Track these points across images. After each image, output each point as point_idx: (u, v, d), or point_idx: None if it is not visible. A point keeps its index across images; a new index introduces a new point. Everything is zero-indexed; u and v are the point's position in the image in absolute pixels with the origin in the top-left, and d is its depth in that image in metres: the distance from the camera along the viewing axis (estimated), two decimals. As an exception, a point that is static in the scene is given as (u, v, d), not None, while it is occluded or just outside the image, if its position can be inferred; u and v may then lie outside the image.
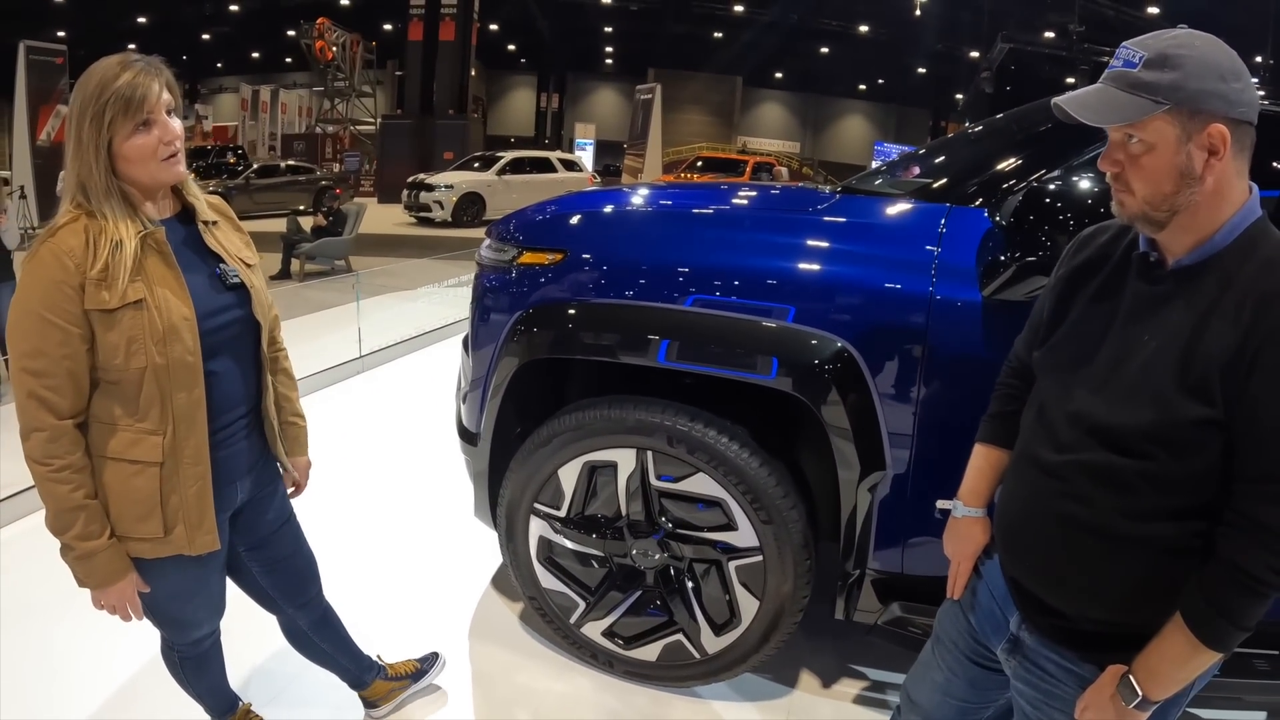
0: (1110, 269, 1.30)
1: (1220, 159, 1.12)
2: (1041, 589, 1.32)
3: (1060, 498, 1.26)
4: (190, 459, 1.60)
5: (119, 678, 2.49)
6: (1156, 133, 1.13)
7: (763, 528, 2.13)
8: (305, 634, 2.10)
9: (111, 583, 1.59)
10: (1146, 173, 1.15)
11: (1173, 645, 1.17)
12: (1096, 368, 1.24)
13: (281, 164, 20.15)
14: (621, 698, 2.46)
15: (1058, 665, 1.31)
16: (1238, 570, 1.11)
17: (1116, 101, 1.15)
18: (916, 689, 1.63)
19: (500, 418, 2.44)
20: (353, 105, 29.77)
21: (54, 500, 1.52)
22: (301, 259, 10.14)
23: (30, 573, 2.97)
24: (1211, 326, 1.12)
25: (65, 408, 1.49)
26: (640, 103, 22.76)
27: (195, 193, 1.67)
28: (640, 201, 2.48)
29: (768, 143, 40.77)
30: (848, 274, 2.04)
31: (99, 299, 1.46)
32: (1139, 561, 1.21)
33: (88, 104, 1.45)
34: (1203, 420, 1.11)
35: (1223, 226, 1.15)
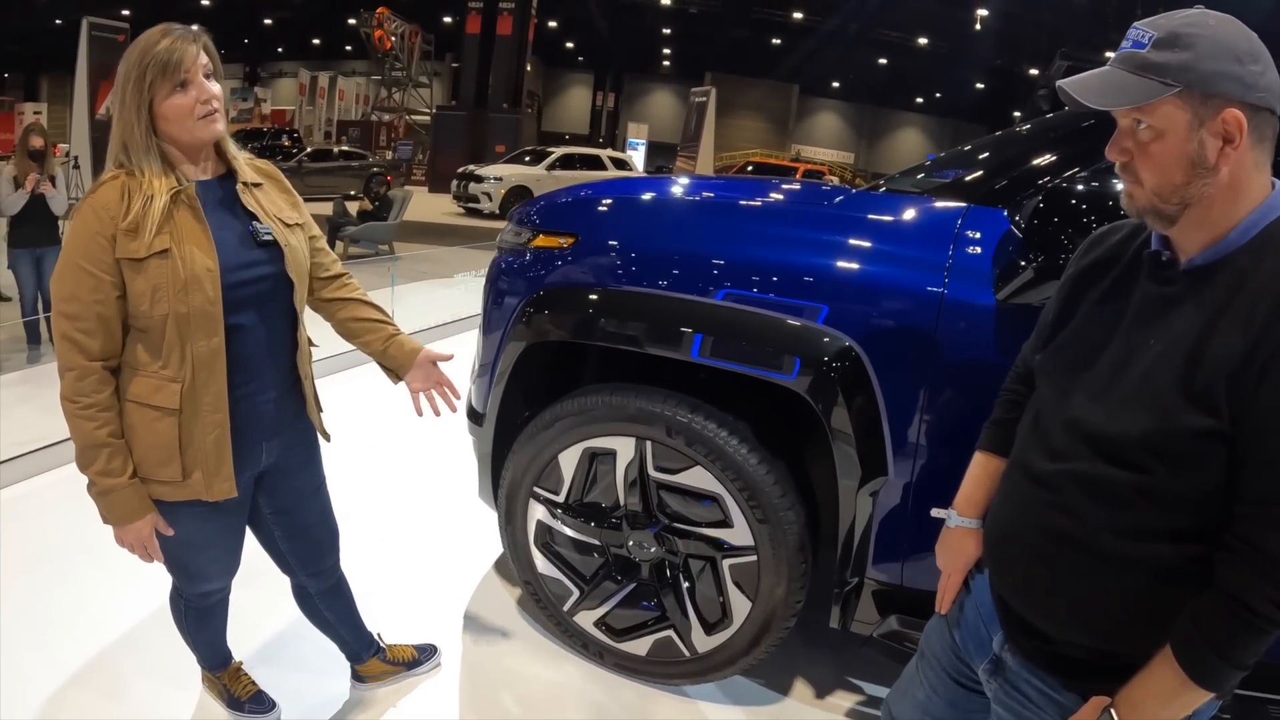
0: (1120, 270, 1.21)
1: (1236, 147, 1.03)
2: (1025, 608, 1.23)
3: (1049, 509, 1.17)
4: (209, 407, 1.66)
5: (120, 629, 2.53)
6: (1166, 118, 1.05)
7: (758, 527, 2.08)
8: (314, 600, 2.13)
9: (130, 520, 1.66)
10: (1155, 161, 1.07)
11: (1160, 679, 1.07)
12: (1098, 373, 1.15)
13: (334, 149, 20.51)
14: (609, 691, 2.43)
15: (1039, 692, 1.22)
16: (1235, 602, 1.01)
17: (1123, 84, 1.07)
18: (898, 705, 1.56)
19: (506, 399, 2.43)
20: (409, 95, 30.22)
21: (80, 436, 1.61)
22: (345, 242, 10.30)
23: (35, 529, 3.05)
24: (1220, 330, 1.02)
25: (95, 349, 1.59)
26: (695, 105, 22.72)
27: (235, 154, 1.75)
28: (655, 190, 2.45)
29: (822, 152, 40.45)
30: (858, 271, 1.98)
31: (129, 249, 1.56)
32: (1128, 585, 1.11)
33: (131, 69, 1.57)
34: (1205, 431, 1.01)
35: (1239, 223, 1.06)
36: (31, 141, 5.63)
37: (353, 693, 2.34)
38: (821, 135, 43.75)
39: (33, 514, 3.17)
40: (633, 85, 44.40)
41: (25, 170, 5.52)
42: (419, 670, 2.42)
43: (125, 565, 2.00)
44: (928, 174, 2.63)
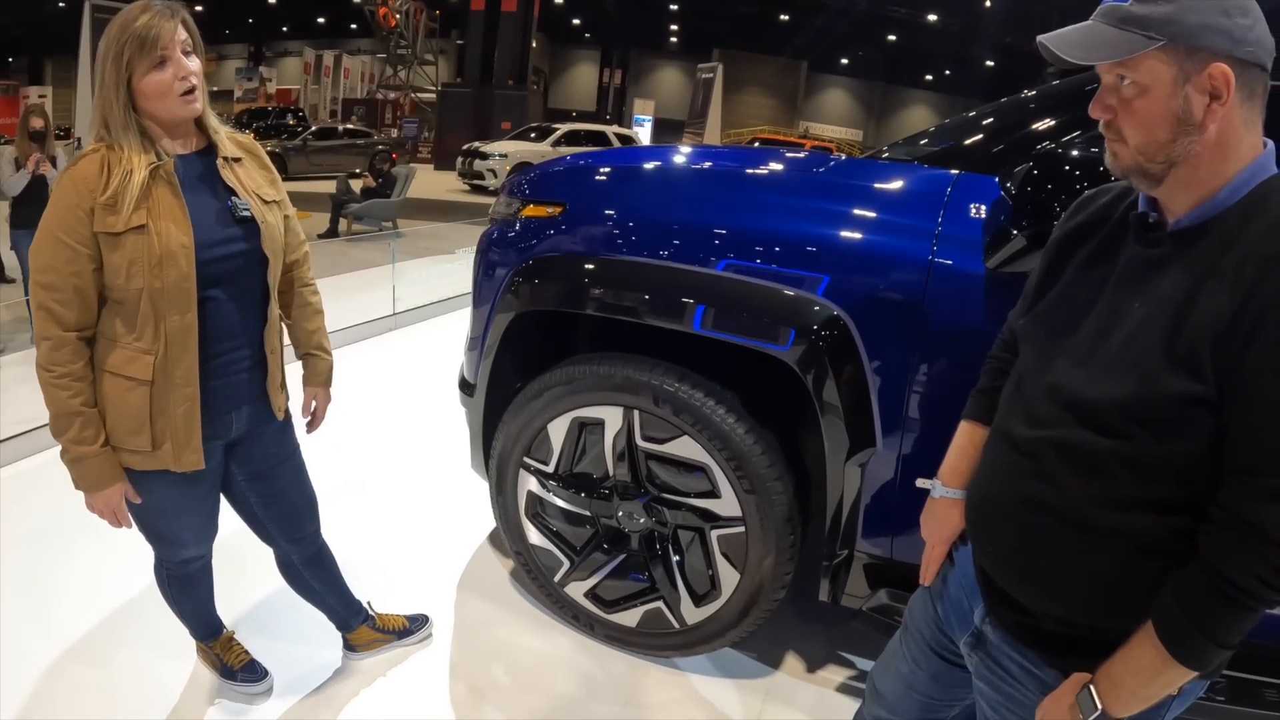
0: (1107, 232, 1.17)
1: (1223, 104, 0.99)
2: (1005, 579, 1.20)
3: (1029, 477, 1.14)
4: (180, 380, 1.68)
5: (116, 602, 2.55)
6: (1150, 72, 1.01)
7: (746, 497, 2.07)
8: (298, 569, 2.15)
9: (101, 487, 1.69)
10: (1139, 118, 1.03)
11: (1140, 656, 1.04)
12: (1081, 338, 1.11)
13: (339, 127, 20.46)
14: (600, 662, 2.44)
15: (1020, 667, 1.20)
16: (1219, 577, 0.97)
17: (1104, 38, 1.03)
18: (882, 679, 1.55)
19: (496, 370, 2.42)
20: (414, 73, 30.03)
21: (54, 404, 1.64)
22: (349, 219, 10.28)
23: (36, 505, 3.06)
24: (1206, 292, 0.98)
25: (71, 320, 1.61)
26: (701, 81, 22.56)
27: (217, 128, 1.75)
28: (643, 159, 2.42)
29: (831, 129, 40.08)
30: (844, 239, 1.95)
31: (106, 222, 1.57)
32: (1109, 556, 1.08)
33: (110, 45, 1.57)
34: (1189, 397, 0.98)
35: (1228, 183, 1.02)
36: (32, 123, 5.63)
37: (344, 662, 2.35)
38: (830, 112, 43.35)
39: (35, 490, 3.19)
40: (640, 62, 44.01)
41: (26, 152, 5.52)
42: (410, 639, 2.43)
43: (123, 540, 2.01)
44: (929, 141, 2.58)
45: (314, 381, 2.07)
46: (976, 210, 1.87)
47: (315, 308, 2.03)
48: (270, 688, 2.22)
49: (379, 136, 21.01)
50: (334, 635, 2.35)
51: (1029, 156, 1.85)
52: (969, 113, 2.73)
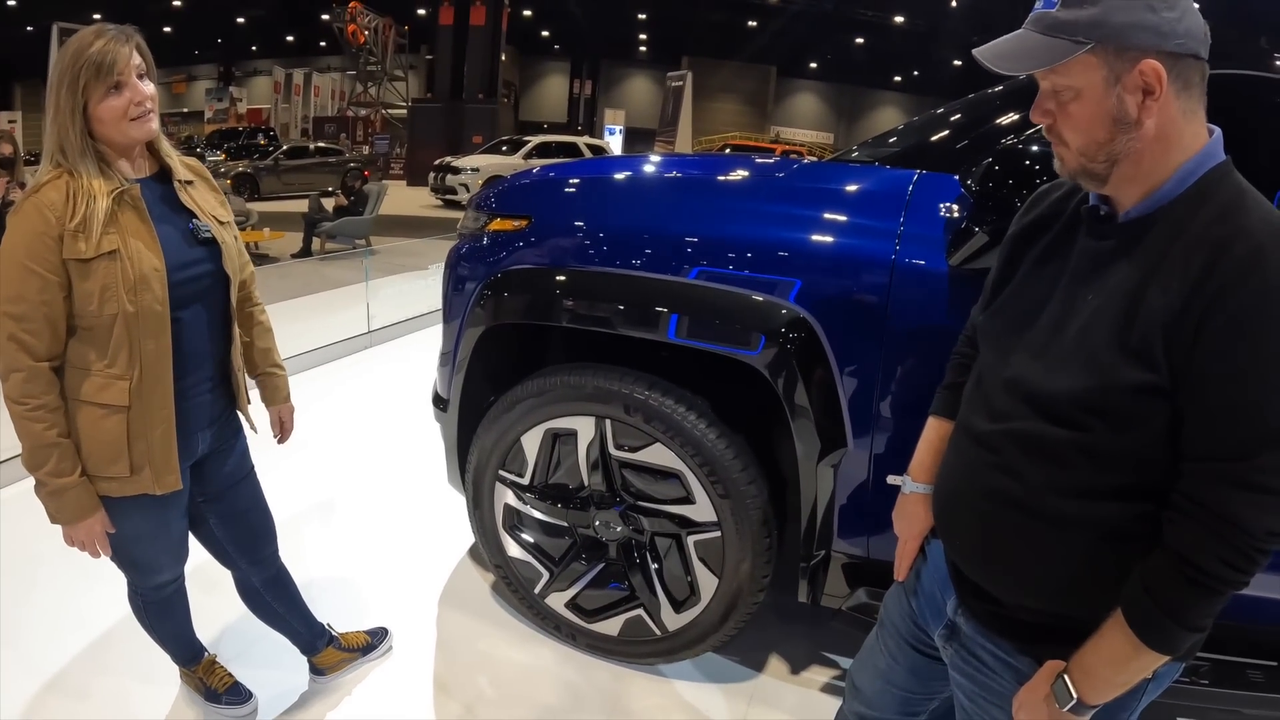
0: (1060, 227, 1.19)
1: (1157, 99, 1.00)
2: (974, 571, 1.22)
3: (991, 470, 1.16)
4: (157, 404, 1.68)
5: (100, 628, 2.52)
6: (1081, 76, 1.02)
7: (720, 502, 2.08)
8: (258, 592, 2.13)
9: (80, 519, 1.68)
10: (1076, 121, 1.05)
11: (1112, 644, 1.05)
12: (1037, 332, 1.13)
13: (310, 146, 20.35)
14: (583, 672, 2.43)
15: (994, 656, 1.21)
16: (1185, 562, 0.98)
17: (1033, 46, 1.04)
18: (860, 675, 1.56)
19: (469, 384, 2.42)
20: (385, 89, 29.94)
21: (29, 438, 1.61)
22: (323, 238, 10.23)
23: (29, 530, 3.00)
24: (1155, 282, 1.00)
25: (42, 350, 1.58)
26: (671, 90, 22.66)
27: (170, 153, 1.75)
28: (608, 170, 2.44)
29: (801, 133, 40.36)
30: (808, 241, 1.97)
31: (76, 249, 1.55)
32: (1073, 545, 1.09)
33: (64, 71, 1.56)
34: (1143, 386, 0.99)
35: (1174, 174, 1.04)
36: (1, 149, 5.56)
37: (323, 684, 2.32)
38: (800, 116, 43.65)
39: (11, 520, 3.13)
40: (609, 72, 44.15)
41: (-4, 178, 5.45)
42: (375, 654, 2.43)
43: (99, 568, 1.99)
44: (899, 140, 2.61)
45: (275, 400, 2.07)
46: (938, 209, 1.90)
47: (265, 326, 2.04)
48: (255, 709, 2.20)
49: (350, 154, 20.92)
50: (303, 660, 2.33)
51: (990, 153, 1.87)
52: (932, 112, 2.76)
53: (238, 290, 1.88)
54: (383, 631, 2.48)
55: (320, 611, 2.31)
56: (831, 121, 44.06)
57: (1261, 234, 0.97)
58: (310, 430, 4.02)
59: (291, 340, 4.90)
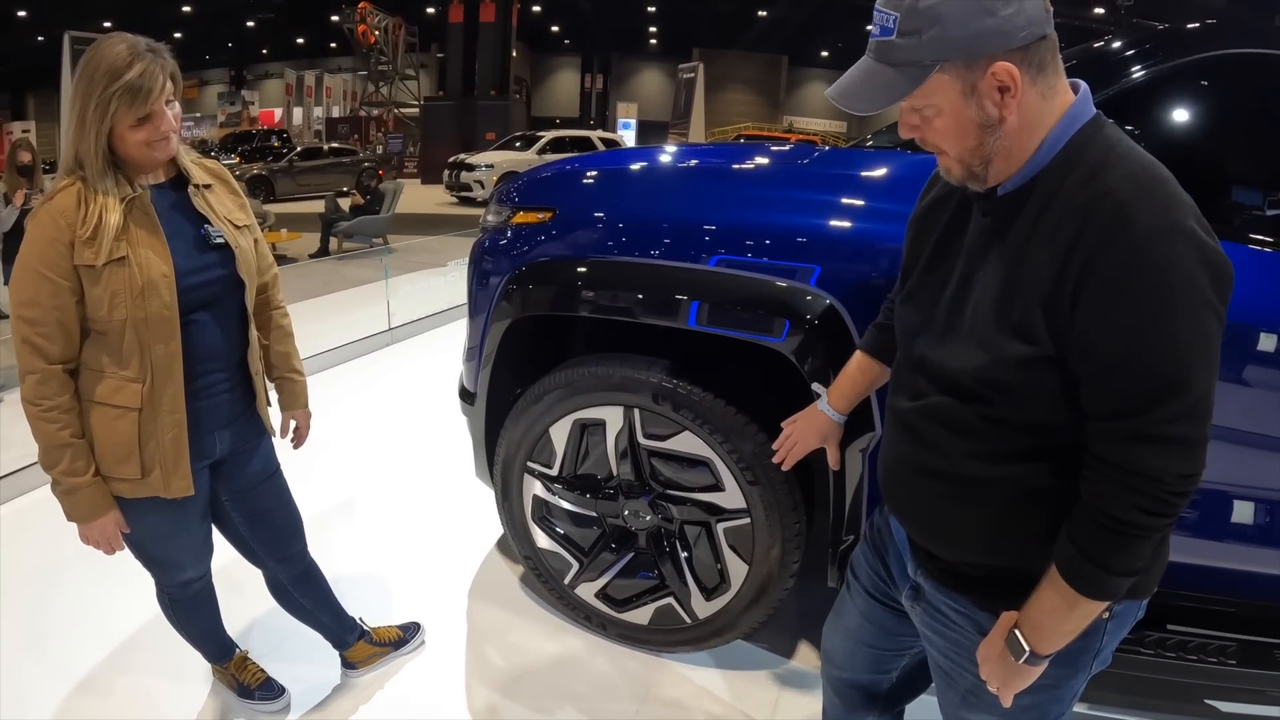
0: (957, 204, 1.22)
1: (1015, 95, 1.01)
2: (919, 536, 1.29)
3: (914, 445, 1.22)
4: (167, 407, 1.69)
5: (127, 631, 2.55)
6: (938, 94, 1.03)
7: (749, 489, 2.09)
8: (287, 589, 2.15)
9: (94, 518, 1.70)
10: (943, 134, 1.07)
11: (1051, 597, 1.10)
12: (941, 313, 1.17)
13: (324, 147, 20.47)
14: (614, 662, 2.45)
15: (956, 611, 1.26)
16: (1102, 514, 1.03)
17: (883, 81, 1.05)
18: (832, 638, 1.60)
19: (496, 377, 2.43)
20: (396, 88, 30.05)
21: (43, 437, 1.64)
22: (340, 237, 10.29)
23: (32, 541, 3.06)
24: (1029, 256, 1.02)
25: (55, 354, 1.61)
26: (683, 82, 22.59)
27: (185, 161, 1.75)
28: (630, 160, 2.44)
29: (814, 122, 40.13)
30: (834, 228, 1.97)
31: (86, 256, 1.57)
32: (993, 504, 1.15)
33: (93, 89, 1.54)
34: (1028, 359, 1.03)
35: (1041, 145, 1.05)
36: (20, 157, 5.65)
37: (353, 679, 2.35)
38: (813, 105, 43.39)
39: (35, 526, 3.18)
40: (621, 65, 44.07)
41: (14, 186, 5.53)
42: (406, 649, 2.45)
43: (125, 570, 2.02)
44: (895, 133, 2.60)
45: (292, 405, 2.07)
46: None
47: (286, 330, 2.04)
48: (288, 705, 2.23)
49: (364, 154, 21.02)
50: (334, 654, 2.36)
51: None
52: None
53: (257, 293, 1.89)
54: (415, 626, 2.50)
55: (349, 606, 2.33)
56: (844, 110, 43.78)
57: (1124, 190, 0.98)
58: (336, 427, 4.08)
59: (313, 339, 4.94)
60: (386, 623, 2.48)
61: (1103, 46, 2.12)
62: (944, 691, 1.35)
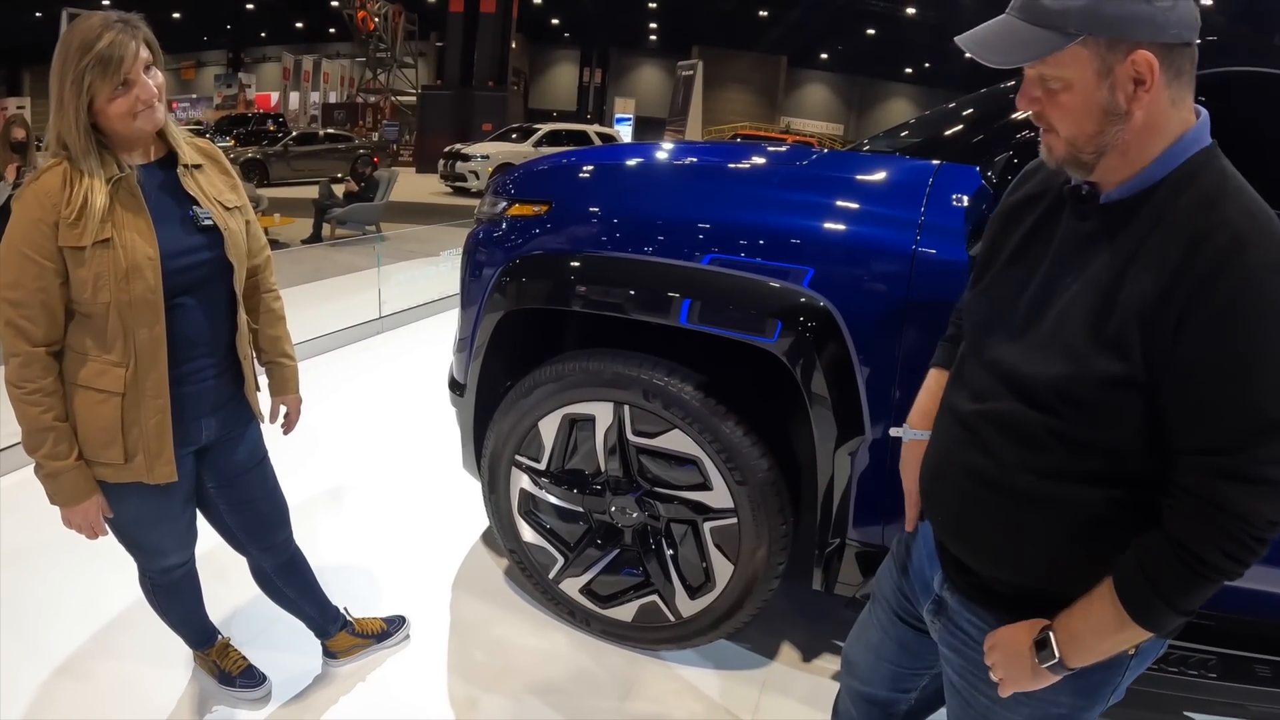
0: (1047, 205, 1.17)
1: (1149, 89, 0.98)
2: (956, 545, 1.25)
3: (969, 449, 1.18)
4: (151, 392, 1.67)
5: (109, 613, 2.54)
6: (1071, 68, 0.99)
7: (737, 489, 2.09)
8: (270, 577, 2.14)
9: (76, 502, 1.69)
10: (1065, 111, 1.02)
11: (1100, 613, 1.06)
12: (1019, 312, 1.12)
13: (320, 132, 20.37)
14: (596, 657, 2.45)
15: (978, 629, 1.23)
16: (1184, 550, 0.98)
17: (1021, 37, 1.01)
18: (854, 650, 1.58)
19: (486, 370, 2.43)
20: (394, 76, 29.93)
21: (26, 420, 1.63)
22: (333, 224, 10.23)
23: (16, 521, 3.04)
24: (1133, 272, 0.98)
25: (39, 336, 1.59)
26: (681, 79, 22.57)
27: (177, 137, 1.72)
28: (628, 156, 2.44)
29: (812, 124, 40.16)
30: (830, 230, 1.97)
31: (71, 237, 1.55)
32: (1046, 524, 1.11)
33: (68, 65, 1.52)
34: (1116, 378, 0.99)
35: (1158, 158, 1.02)
36: (13, 133, 5.61)
37: (333, 669, 2.35)
38: (811, 107, 43.45)
39: (19, 506, 3.16)
40: (619, 60, 43.99)
41: (7, 162, 5.49)
42: (389, 642, 2.43)
43: (111, 553, 1.99)
44: (910, 133, 2.61)
45: (282, 390, 2.05)
46: (958, 200, 1.89)
47: (278, 314, 2.02)
48: (269, 693, 2.22)
49: (360, 140, 20.92)
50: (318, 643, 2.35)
51: (1009, 146, 1.87)
52: (948, 105, 2.75)
53: (249, 275, 1.87)
54: (400, 620, 2.49)
55: (333, 595, 2.32)
56: (842, 113, 43.84)
57: (1241, 223, 0.95)
58: (323, 415, 4.06)
59: (304, 325, 4.91)
60: (370, 613, 2.47)
61: None
62: (956, 711, 1.33)
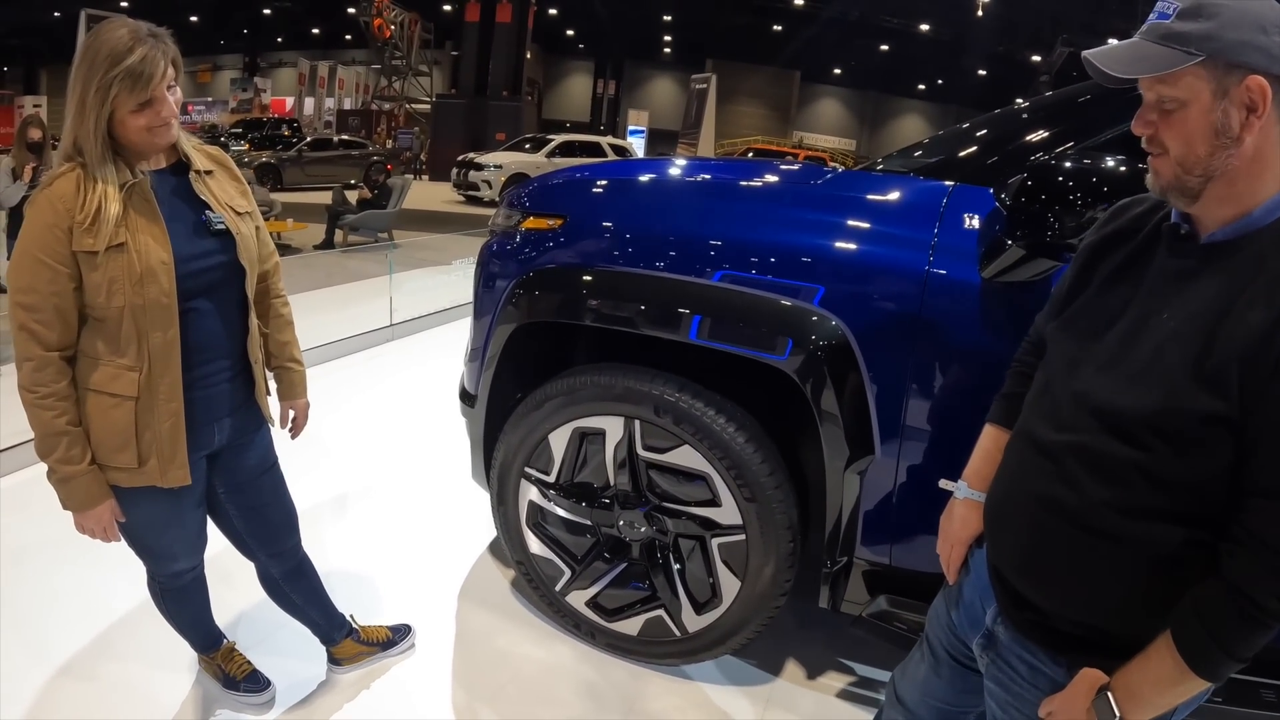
0: (1140, 241, 1.19)
1: (1260, 116, 1.01)
2: (1019, 578, 1.23)
3: (1049, 480, 1.16)
4: (165, 396, 1.68)
5: (116, 615, 2.55)
6: (1189, 88, 1.04)
7: (746, 505, 2.09)
8: (277, 583, 2.14)
9: (90, 506, 1.69)
10: (1178, 131, 1.05)
11: (1159, 666, 1.06)
12: (1108, 345, 1.13)
13: (334, 138, 20.48)
14: (601, 670, 2.45)
15: (1028, 665, 1.22)
16: (1240, 595, 0.99)
17: (1146, 53, 1.06)
18: (901, 684, 1.58)
19: (497, 381, 2.44)
20: (409, 84, 30.09)
21: (39, 425, 1.64)
22: (345, 230, 10.29)
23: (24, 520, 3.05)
24: (1236, 311, 1.00)
25: (53, 340, 1.60)
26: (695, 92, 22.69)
27: (187, 144, 1.74)
28: (643, 171, 2.45)
29: (824, 139, 40.26)
30: (843, 250, 1.98)
31: (85, 242, 1.56)
32: (1122, 563, 1.10)
33: (94, 73, 1.52)
34: (1212, 415, 0.99)
35: (1264, 203, 1.04)
36: (30, 134, 5.65)
37: (338, 676, 2.35)
38: (823, 122, 43.54)
39: (28, 504, 3.18)
40: (633, 72, 44.16)
41: (23, 162, 5.53)
42: (394, 651, 2.44)
43: (117, 555, 2.01)
44: (924, 153, 2.61)
45: (291, 395, 2.05)
46: (971, 221, 1.90)
47: (286, 319, 2.03)
48: (273, 698, 2.23)
49: (374, 147, 21.04)
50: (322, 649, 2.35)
51: (1022, 168, 1.88)
52: (962, 125, 2.76)
53: (258, 281, 1.88)
54: (405, 629, 2.49)
55: (339, 603, 2.33)
56: (854, 128, 43.91)
57: None
58: (333, 422, 4.08)
59: (314, 331, 4.94)
60: (376, 621, 2.47)
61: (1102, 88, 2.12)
62: None
